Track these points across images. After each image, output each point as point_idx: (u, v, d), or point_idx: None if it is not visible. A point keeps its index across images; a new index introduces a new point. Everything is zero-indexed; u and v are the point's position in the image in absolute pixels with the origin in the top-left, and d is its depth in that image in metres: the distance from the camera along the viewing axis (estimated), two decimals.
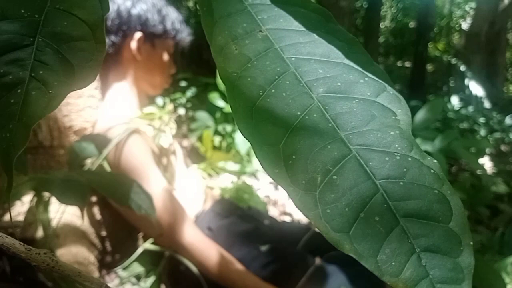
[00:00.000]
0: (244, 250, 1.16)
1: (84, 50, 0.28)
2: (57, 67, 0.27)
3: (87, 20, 0.28)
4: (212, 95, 1.83)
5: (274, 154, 0.24)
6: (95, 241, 1.19)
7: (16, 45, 0.27)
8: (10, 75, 0.27)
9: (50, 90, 0.27)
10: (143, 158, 1.07)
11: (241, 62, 0.27)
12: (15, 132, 0.27)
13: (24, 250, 0.28)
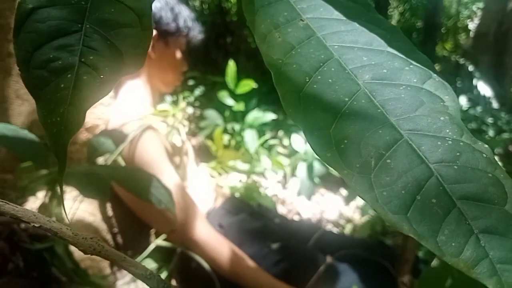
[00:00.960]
0: (255, 248, 1.16)
1: (131, 36, 0.28)
2: (106, 53, 0.28)
3: (134, 7, 0.28)
4: (221, 94, 1.83)
5: (325, 138, 0.24)
6: (107, 238, 1.20)
7: (65, 31, 0.27)
8: (59, 60, 0.27)
9: (101, 75, 0.28)
10: (157, 154, 1.08)
11: (285, 49, 0.27)
12: (67, 116, 0.27)
13: (71, 234, 0.28)
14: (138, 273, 0.27)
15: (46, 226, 0.28)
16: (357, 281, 1.13)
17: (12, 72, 1.13)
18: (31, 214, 0.28)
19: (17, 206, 0.28)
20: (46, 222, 0.28)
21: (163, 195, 0.66)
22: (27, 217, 0.28)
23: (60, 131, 0.28)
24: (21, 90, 1.13)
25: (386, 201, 0.22)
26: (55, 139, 0.28)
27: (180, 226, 1.10)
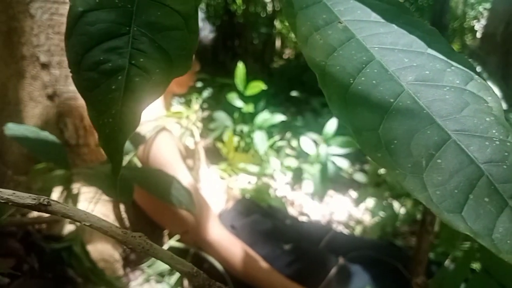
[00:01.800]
0: (267, 249, 1.16)
1: (177, 39, 0.29)
2: (155, 55, 0.28)
3: (180, 10, 0.29)
4: (230, 96, 1.84)
5: (374, 139, 0.25)
6: None
7: (114, 34, 0.28)
8: (109, 62, 0.28)
9: (153, 77, 0.28)
10: (171, 155, 1.08)
11: (327, 51, 0.28)
12: (120, 117, 0.28)
13: (120, 233, 0.29)
14: (185, 271, 0.28)
15: (97, 225, 0.29)
16: (369, 283, 1.13)
17: (26, 75, 1.14)
18: (82, 213, 0.29)
19: (67, 205, 0.29)
20: (96, 221, 0.29)
21: (184, 196, 0.67)
22: (77, 216, 0.29)
23: (113, 132, 0.28)
24: (34, 93, 1.14)
25: (440, 200, 0.23)
26: (108, 139, 0.28)
27: (194, 227, 1.10)
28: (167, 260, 0.29)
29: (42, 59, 1.13)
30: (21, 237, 1.07)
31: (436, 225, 0.99)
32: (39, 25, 1.13)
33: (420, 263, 1.00)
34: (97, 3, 0.28)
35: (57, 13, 1.14)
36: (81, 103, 1.17)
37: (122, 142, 0.29)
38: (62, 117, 1.14)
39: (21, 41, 1.13)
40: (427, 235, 0.98)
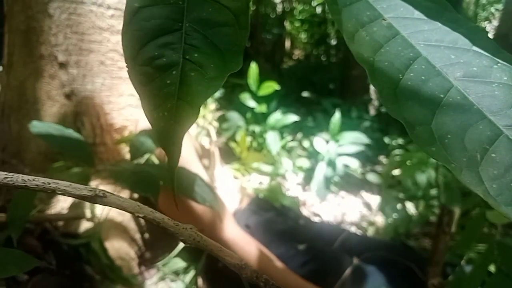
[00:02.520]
0: (282, 248, 1.17)
1: (228, 35, 0.29)
2: (208, 51, 0.29)
3: (230, 6, 0.29)
4: (243, 96, 1.84)
5: (427, 133, 0.25)
6: (135, 237, 1.21)
7: (167, 30, 0.28)
8: (164, 57, 0.28)
9: (208, 72, 0.29)
10: (187, 154, 1.09)
11: (374, 47, 0.28)
12: (176, 110, 0.28)
13: (172, 225, 0.30)
14: (233, 263, 0.28)
15: (149, 217, 0.30)
16: (384, 283, 1.13)
17: (44, 74, 1.15)
18: (135, 205, 0.30)
19: (121, 197, 0.29)
20: (149, 212, 0.29)
21: (207, 193, 0.67)
22: (131, 207, 0.29)
23: (168, 125, 0.29)
24: (52, 92, 1.16)
25: (497, 193, 0.23)
26: (163, 133, 0.29)
27: (209, 225, 1.11)
28: (216, 252, 0.30)
29: (60, 58, 1.14)
30: (39, 234, 1.08)
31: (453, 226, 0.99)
32: (57, 24, 1.14)
33: (437, 264, 1.00)
34: (152, 0, 0.29)
35: (75, 12, 1.15)
36: (98, 102, 1.18)
37: (180, 135, 0.29)
38: (80, 116, 1.16)
39: (40, 41, 1.15)
40: (444, 236, 0.98)
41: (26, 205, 0.57)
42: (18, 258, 0.42)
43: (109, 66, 1.19)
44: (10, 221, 0.52)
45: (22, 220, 0.54)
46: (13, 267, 0.40)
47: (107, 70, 1.19)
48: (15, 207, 0.54)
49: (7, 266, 0.40)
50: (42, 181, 0.30)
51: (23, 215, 0.54)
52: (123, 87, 1.22)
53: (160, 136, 0.30)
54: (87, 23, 1.16)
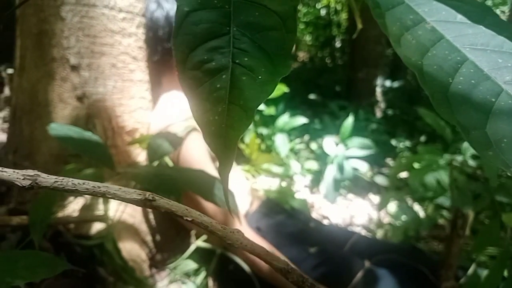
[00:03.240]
0: (293, 251, 1.16)
1: (276, 39, 0.29)
2: (257, 55, 0.28)
3: (277, 10, 0.29)
4: None
5: (483, 137, 0.25)
6: (146, 239, 1.21)
7: (216, 34, 0.28)
8: (213, 61, 0.28)
9: (259, 76, 0.29)
10: (201, 156, 1.09)
11: (421, 51, 0.28)
12: (228, 114, 0.28)
13: (220, 229, 0.30)
14: (280, 267, 0.28)
15: (198, 220, 0.30)
16: (396, 287, 1.13)
17: (56, 77, 1.16)
18: (183, 209, 0.30)
19: (170, 201, 0.29)
20: (197, 216, 0.29)
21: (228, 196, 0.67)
22: (180, 211, 0.29)
23: (220, 129, 0.29)
24: (64, 94, 1.16)
25: None
26: (214, 136, 0.29)
27: None
28: (263, 256, 0.29)
29: (72, 61, 1.15)
30: (51, 236, 1.08)
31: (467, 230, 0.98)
32: (69, 27, 1.14)
33: (450, 267, 0.99)
34: (199, 3, 0.29)
35: (87, 15, 1.15)
36: (110, 105, 1.18)
37: (234, 139, 0.29)
38: (91, 119, 1.16)
39: (52, 44, 1.15)
40: (458, 239, 0.97)
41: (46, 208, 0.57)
42: (48, 261, 0.42)
43: (121, 69, 1.19)
44: (32, 224, 0.52)
45: (43, 223, 0.54)
46: (44, 270, 0.40)
47: (118, 72, 1.19)
48: (36, 210, 0.54)
49: (38, 269, 0.40)
50: (92, 185, 0.30)
51: (44, 218, 0.54)
52: (134, 90, 1.22)
53: (210, 140, 0.30)
54: (99, 26, 1.16)
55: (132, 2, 1.21)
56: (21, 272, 0.39)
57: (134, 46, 1.22)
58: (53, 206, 0.60)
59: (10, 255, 0.43)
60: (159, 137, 0.77)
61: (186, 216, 0.30)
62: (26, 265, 0.40)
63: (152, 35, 1.24)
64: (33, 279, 0.40)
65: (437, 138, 2.85)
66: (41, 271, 0.40)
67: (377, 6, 0.30)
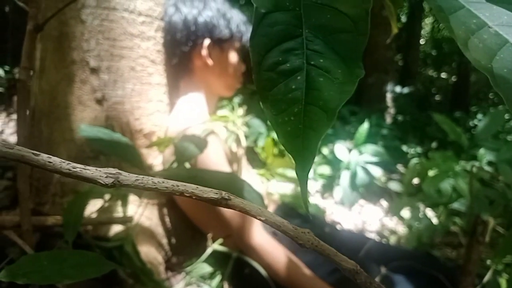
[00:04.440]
0: (309, 256, 1.16)
1: (347, 41, 0.29)
2: (332, 57, 0.29)
3: (349, 13, 0.30)
4: None
5: None
6: (162, 241, 1.22)
7: (289, 35, 0.29)
8: (287, 63, 0.28)
9: (336, 77, 0.29)
10: (218, 159, 1.10)
11: (489, 54, 0.29)
12: (306, 115, 0.29)
13: (292, 229, 0.30)
14: (349, 268, 0.29)
15: (271, 220, 0.30)
16: None
17: (75, 79, 1.17)
18: (257, 209, 0.30)
19: (244, 201, 0.30)
20: (270, 216, 0.30)
21: (256, 199, 0.67)
22: (254, 211, 0.30)
23: (297, 130, 0.29)
24: (83, 97, 1.17)
25: None
26: (290, 137, 0.29)
27: (237, 231, 1.11)
28: (332, 257, 0.30)
29: (92, 64, 1.16)
30: None
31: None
32: (89, 30, 1.15)
33: (470, 274, 0.99)
34: (274, 5, 0.29)
35: (107, 19, 1.16)
36: (128, 108, 1.19)
37: (315, 140, 0.29)
38: (110, 121, 1.16)
39: (72, 46, 1.16)
40: (478, 246, 0.97)
41: (79, 210, 0.57)
42: (95, 261, 0.42)
43: (139, 72, 1.20)
44: (65, 225, 0.53)
45: (76, 224, 0.54)
46: (91, 270, 0.40)
47: (137, 76, 1.20)
48: (69, 212, 0.54)
49: (85, 268, 0.40)
50: (172, 184, 0.30)
51: (77, 219, 0.54)
52: (152, 93, 1.23)
53: (285, 140, 0.30)
54: (118, 29, 1.17)
55: (151, 6, 1.22)
56: (69, 271, 0.39)
57: (152, 49, 1.23)
58: (84, 208, 0.60)
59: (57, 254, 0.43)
60: (185, 140, 0.77)
61: (260, 216, 0.30)
62: (73, 265, 0.40)
63: (170, 38, 1.25)
64: (81, 278, 0.40)
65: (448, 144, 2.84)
66: (88, 270, 0.40)
67: (441, 10, 0.31)
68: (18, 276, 0.39)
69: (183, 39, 1.24)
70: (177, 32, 1.24)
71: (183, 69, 1.27)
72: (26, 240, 0.60)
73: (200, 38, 1.24)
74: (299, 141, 0.29)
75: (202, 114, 1.23)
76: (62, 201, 1.18)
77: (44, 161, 0.26)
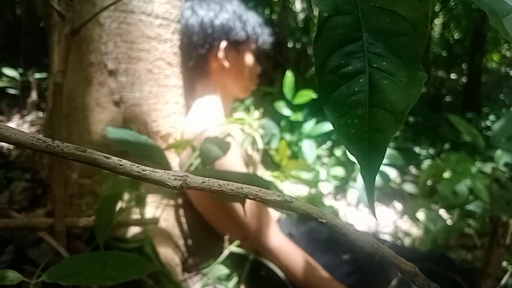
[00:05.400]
0: (327, 258, 1.16)
1: (407, 45, 0.29)
2: (394, 59, 0.29)
3: (408, 16, 0.30)
4: (278, 104, 1.85)
5: None
6: (179, 243, 1.22)
7: (350, 39, 0.29)
8: (349, 65, 0.29)
9: (401, 80, 0.29)
10: (235, 161, 1.10)
11: None
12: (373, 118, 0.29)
13: (353, 231, 0.30)
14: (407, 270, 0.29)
15: (332, 222, 0.30)
16: None
17: (93, 81, 1.18)
18: (319, 211, 0.30)
19: (305, 203, 0.30)
20: (331, 218, 0.30)
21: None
22: (315, 213, 0.30)
23: (362, 132, 0.29)
24: (101, 99, 1.18)
25: None
26: (353, 139, 0.29)
27: (255, 233, 1.11)
28: (392, 259, 0.30)
29: (110, 66, 1.17)
30: (87, 238, 1.10)
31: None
32: (107, 33, 1.16)
33: (490, 277, 0.98)
34: (335, 9, 0.29)
35: (125, 22, 1.17)
36: (146, 110, 1.19)
37: (383, 142, 0.29)
38: (127, 123, 1.17)
39: (90, 49, 1.17)
40: (498, 248, 0.96)
41: (110, 211, 0.58)
42: (136, 262, 0.42)
43: (156, 74, 1.21)
44: (97, 226, 0.53)
45: (107, 225, 0.54)
46: (133, 271, 0.41)
47: (154, 78, 1.21)
48: (101, 213, 0.54)
49: (127, 269, 0.40)
50: (236, 186, 0.31)
51: (108, 221, 0.54)
52: (169, 95, 1.24)
53: (350, 143, 0.30)
54: (136, 32, 1.18)
55: (168, 9, 1.23)
56: (111, 273, 0.40)
57: (169, 52, 1.24)
58: (114, 210, 0.61)
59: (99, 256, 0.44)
60: (209, 142, 0.78)
61: (321, 218, 0.30)
62: (115, 266, 0.41)
63: (187, 41, 1.25)
64: (123, 279, 0.41)
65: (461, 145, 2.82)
66: (130, 271, 0.41)
67: (495, 13, 0.31)
68: (61, 277, 0.39)
69: (199, 42, 1.24)
70: (194, 35, 1.24)
71: (200, 71, 1.27)
72: (59, 241, 0.61)
73: (217, 41, 1.25)
74: (364, 143, 0.29)
75: (218, 116, 1.23)
76: (80, 202, 1.19)
77: (115, 164, 0.27)
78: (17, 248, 1.01)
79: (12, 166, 1.35)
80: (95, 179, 1.20)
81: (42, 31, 3.31)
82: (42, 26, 3.50)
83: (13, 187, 1.23)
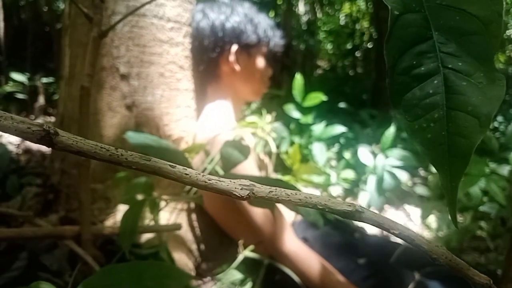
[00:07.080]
0: (342, 262, 1.15)
1: (478, 44, 0.28)
2: (469, 60, 0.27)
3: (479, 15, 0.28)
4: (287, 107, 1.84)
5: None
6: (192, 248, 1.21)
7: (421, 38, 0.28)
8: (421, 66, 0.27)
9: (480, 81, 0.27)
10: (248, 165, 1.09)
11: None
12: (452, 121, 0.27)
13: (425, 242, 0.29)
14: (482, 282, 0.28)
15: (404, 234, 0.29)
16: None
17: (105, 85, 1.17)
18: (390, 221, 0.29)
19: (376, 214, 0.29)
20: (404, 229, 0.29)
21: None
22: (386, 224, 0.29)
23: (439, 136, 0.27)
24: (113, 103, 1.17)
25: None
26: (430, 144, 0.28)
27: (269, 237, 1.10)
28: (466, 271, 0.29)
29: (122, 70, 1.16)
30: (101, 244, 1.09)
31: None
32: (119, 37, 1.16)
33: (510, 281, 0.96)
34: (404, 7, 0.28)
35: (137, 25, 1.16)
36: (158, 114, 1.19)
37: (468, 147, 0.28)
38: (140, 127, 1.17)
39: (102, 53, 1.16)
40: None
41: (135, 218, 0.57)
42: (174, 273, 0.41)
43: (168, 78, 1.20)
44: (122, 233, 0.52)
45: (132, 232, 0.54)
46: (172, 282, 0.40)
47: (166, 82, 1.20)
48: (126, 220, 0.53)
49: (165, 280, 0.39)
50: (304, 196, 0.30)
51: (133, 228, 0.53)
52: (181, 99, 1.23)
53: (427, 148, 0.28)
54: (148, 35, 1.17)
55: (179, 12, 1.22)
56: (149, 283, 0.39)
57: (181, 55, 1.23)
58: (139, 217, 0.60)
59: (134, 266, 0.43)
60: (228, 146, 0.77)
61: (393, 229, 0.29)
62: (152, 276, 0.40)
63: (198, 44, 1.25)
64: None
65: None
66: (168, 282, 0.40)
67: None
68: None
69: (210, 45, 1.23)
70: (205, 38, 1.24)
71: (211, 75, 1.27)
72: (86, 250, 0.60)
73: (228, 44, 1.24)
74: (444, 149, 0.28)
75: (229, 120, 1.22)
76: (92, 207, 1.19)
77: (181, 173, 0.26)
78: (30, 254, 1.00)
79: (23, 172, 1.34)
80: (107, 184, 1.19)
81: (47, 36, 3.32)
82: (47, 31, 3.51)
83: (25, 192, 1.23)
